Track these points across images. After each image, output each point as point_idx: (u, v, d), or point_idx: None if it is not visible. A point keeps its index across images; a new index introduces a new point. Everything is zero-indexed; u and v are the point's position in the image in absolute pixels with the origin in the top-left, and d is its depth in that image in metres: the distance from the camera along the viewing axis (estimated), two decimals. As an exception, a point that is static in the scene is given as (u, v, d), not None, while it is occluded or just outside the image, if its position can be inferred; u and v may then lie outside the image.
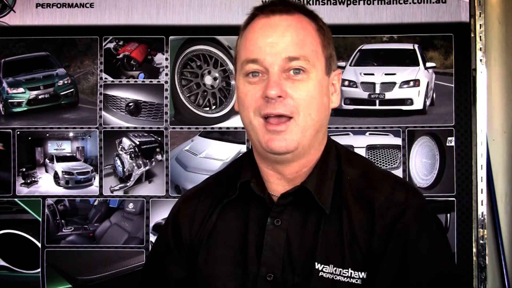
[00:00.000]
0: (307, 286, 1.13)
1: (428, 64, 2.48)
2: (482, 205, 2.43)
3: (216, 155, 2.52)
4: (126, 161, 2.54)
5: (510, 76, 2.61)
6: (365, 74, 2.50)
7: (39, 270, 2.52)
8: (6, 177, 2.54)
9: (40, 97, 2.56)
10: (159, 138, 2.53)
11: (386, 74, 2.50)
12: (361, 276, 1.12)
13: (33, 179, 2.55)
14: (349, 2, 2.49)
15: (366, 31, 2.49)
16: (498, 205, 2.54)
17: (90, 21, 2.53)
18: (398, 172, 2.44)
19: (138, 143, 2.53)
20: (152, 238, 2.51)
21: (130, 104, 2.54)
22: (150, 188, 2.53)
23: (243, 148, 2.50)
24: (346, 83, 2.49)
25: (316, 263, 1.13)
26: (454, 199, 2.45)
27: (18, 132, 2.55)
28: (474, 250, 2.42)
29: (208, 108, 2.53)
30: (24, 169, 2.55)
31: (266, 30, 1.16)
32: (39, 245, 2.53)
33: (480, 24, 2.46)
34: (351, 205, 1.16)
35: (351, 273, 1.12)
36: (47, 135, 2.55)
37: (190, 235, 1.27)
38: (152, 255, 1.40)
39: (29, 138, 2.55)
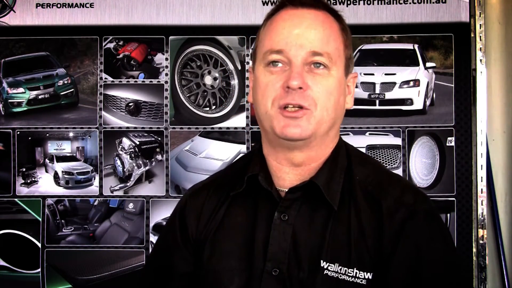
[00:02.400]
0: (312, 283, 1.13)
1: (428, 64, 2.48)
2: (482, 205, 2.43)
3: (216, 155, 2.52)
4: (126, 161, 2.54)
5: (510, 76, 2.61)
6: (365, 74, 2.50)
7: (39, 270, 2.52)
8: (6, 177, 2.54)
9: (40, 97, 2.56)
10: (159, 138, 2.53)
11: (386, 74, 2.50)
12: (366, 277, 1.11)
13: (33, 179, 2.55)
14: (349, 2, 2.49)
15: (366, 31, 2.49)
16: (498, 205, 2.54)
17: (90, 21, 2.53)
18: (398, 172, 2.44)
19: (138, 143, 2.53)
20: (152, 238, 2.51)
21: (130, 104, 2.54)
22: (150, 188, 2.53)
23: (243, 148, 2.50)
24: (346, 83, 2.49)
25: (321, 261, 1.13)
26: (454, 199, 2.45)
27: (18, 132, 2.55)
28: (474, 250, 2.42)
29: (208, 108, 2.53)
30: (24, 169, 2.55)
31: (293, 21, 1.17)
32: (39, 245, 2.53)
33: (480, 24, 2.46)
34: (360, 205, 1.15)
35: (356, 273, 1.12)
36: (47, 135, 2.55)
37: (197, 230, 1.26)
38: (158, 248, 1.39)
39: (29, 138, 2.55)
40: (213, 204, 1.27)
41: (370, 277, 1.11)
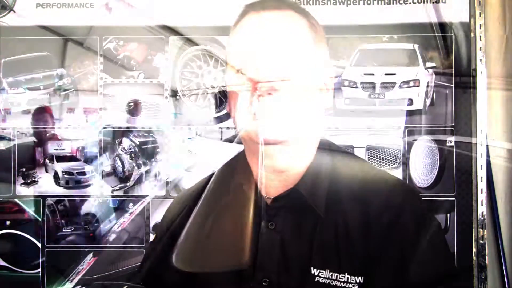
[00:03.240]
0: None
1: (428, 64, 2.48)
2: (482, 205, 2.43)
3: (216, 155, 2.52)
4: (126, 161, 2.53)
5: (510, 76, 2.61)
6: (365, 74, 2.50)
7: (39, 270, 2.52)
8: (6, 177, 2.54)
9: (40, 97, 2.56)
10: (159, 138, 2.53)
11: (386, 74, 2.50)
12: (357, 281, 1.11)
13: (33, 179, 2.55)
14: (349, 2, 2.49)
15: (366, 31, 2.49)
16: (498, 205, 2.54)
17: (90, 21, 2.53)
18: (398, 172, 2.44)
19: (138, 143, 2.53)
20: (152, 238, 2.51)
21: (130, 104, 2.54)
22: (150, 188, 2.53)
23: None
24: (346, 83, 2.49)
25: (312, 268, 1.12)
26: (454, 199, 2.44)
27: (18, 132, 2.54)
28: (474, 250, 2.42)
29: (208, 108, 2.53)
30: (24, 169, 2.55)
31: (256, 27, 1.16)
32: (39, 245, 2.53)
33: (480, 24, 2.46)
34: (346, 208, 1.14)
35: (347, 277, 1.11)
36: (47, 135, 2.55)
37: (185, 239, 1.26)
38: (148, 257, 1.39)
39: (29, 138, 2.55)
40: (201, 213, 1.26)
41: (361, 281, 1.11)
